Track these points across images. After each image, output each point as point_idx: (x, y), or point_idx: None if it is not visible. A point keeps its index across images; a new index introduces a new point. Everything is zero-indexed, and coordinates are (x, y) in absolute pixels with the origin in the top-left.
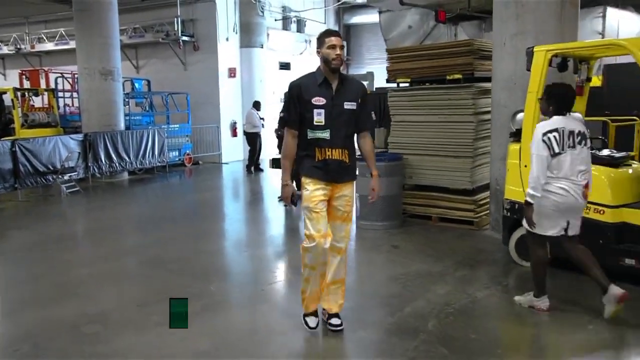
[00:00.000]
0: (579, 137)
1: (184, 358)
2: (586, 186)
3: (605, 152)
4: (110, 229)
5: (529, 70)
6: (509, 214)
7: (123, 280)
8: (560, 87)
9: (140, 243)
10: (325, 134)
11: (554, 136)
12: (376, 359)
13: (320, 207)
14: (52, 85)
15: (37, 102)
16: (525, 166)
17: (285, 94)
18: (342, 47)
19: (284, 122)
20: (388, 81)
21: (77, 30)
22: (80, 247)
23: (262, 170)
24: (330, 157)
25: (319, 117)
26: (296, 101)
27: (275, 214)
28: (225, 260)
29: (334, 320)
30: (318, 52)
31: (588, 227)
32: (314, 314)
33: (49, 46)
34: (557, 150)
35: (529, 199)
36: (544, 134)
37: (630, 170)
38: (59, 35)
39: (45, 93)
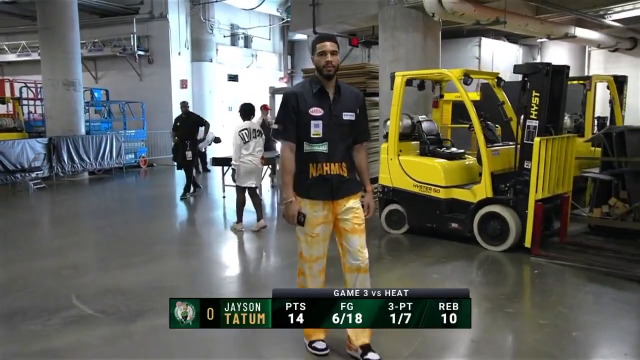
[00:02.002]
0: (258, 133)
1: (136, 285)
2: (262, 157)
3: (453, 150)
4: (74, 216)
5: (392, 89)
6: (381, 195)
7: (88, 247)
8: (246, 105)
9: (100, 225)
10: (324, 147)
11: (245, 132)
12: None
13: (317, 231)
14: (17, 94)
15: (2, 109)
16: (392, 159)
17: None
18: (334, 52)
19: (278, 135)
20: None
21: (41, 46)
22: (50, 228)
23: (209, 170)
24: (329, 172)
25: (316, 129)
26: (292, 112)
27: (215, 203)
28: (170, 233)
29: (372, 356)
30: (312, 59)
31: (429, 202)
32: (320, 339)
33: (11, 57)
34: (247, 139)
35: (232, 167)
36: (240, 131)
37: (467, 162)
38: (21, 47)
39: (11, 101)
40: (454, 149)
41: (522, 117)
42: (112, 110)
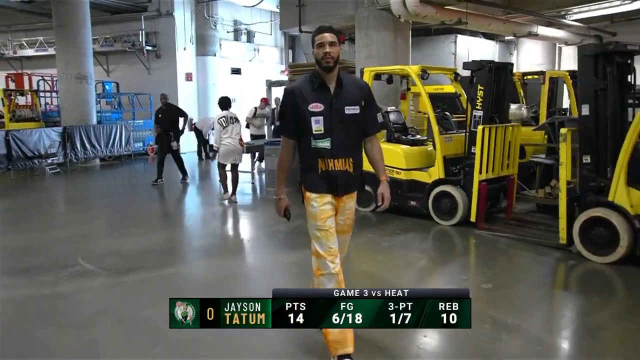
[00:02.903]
0: (234, 120)
1: (132, 249)
2: (240, 139)
3: (418, 137)
4: (85, 196)
5: None
6: None
7: (95, 221)
8: (223, 98)
9: (107, 204)
10: (326, 143)
11: (223, 120)
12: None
13: (329, 224)
14: (35, 87)
15: (21, 100)
16: None
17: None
18: (333, 44)
19: (279, 131)
20: None
21: (56, 42)
22: (63, 206)
23: (210, 157)
24: (334, 168)
25: (317, 125)
26: (291, 109)
27: (213, 186)
28: (169, 210)
29: None
30: (312, 52)
31: (392, 182)
32: (349, 356)
33: (30, 52)
34: (224, 125)
35: (214, 148)
36: (219, 119)
37: (428, 148)
38: (39, 43)
39: (29, 93)
40: (418, 136)
41: (470, 107)
42: (122, 102)
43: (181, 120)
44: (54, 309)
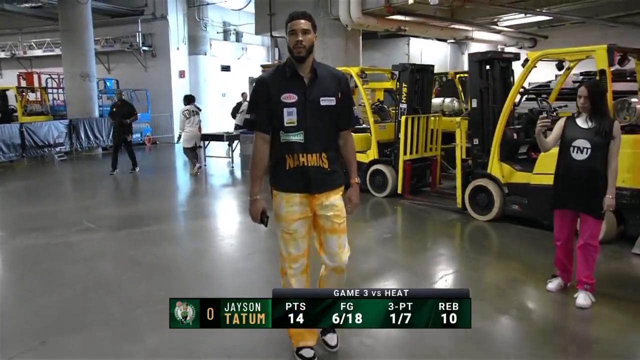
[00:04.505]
0: (195, 112)
1: (124, 214)
2: (199, 128)
3: (364, 126)
4: (88, 178)
5: None
6: None
7: (96, 196)
8: (187, 96)
9: (107, 184)
10: (299, 137)
11: (186, 112)
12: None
13: (294, 227)
14: (44, 84)
15: (32, 96)
16: None
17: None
18: (306, 32)
19: (250, 124)
20: None
21: (62, 44)
22: (70, 186)
23: (202, 147)
24: (306, 163)
25: (290, 117)
26: (263, 100)
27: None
28: (156, 187)
29: (330, 338)
30: (286, 40)
31: None
32: (309, 346)
33: (38, 52)
34: (187, 117)
35: (180, 134)
36: (183, 111)
37: (368, 135)
38: (47, 44)
39: (39, 90)
40: (364, 125)
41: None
42: None
43: (132, 117)
44: (65, 251)
